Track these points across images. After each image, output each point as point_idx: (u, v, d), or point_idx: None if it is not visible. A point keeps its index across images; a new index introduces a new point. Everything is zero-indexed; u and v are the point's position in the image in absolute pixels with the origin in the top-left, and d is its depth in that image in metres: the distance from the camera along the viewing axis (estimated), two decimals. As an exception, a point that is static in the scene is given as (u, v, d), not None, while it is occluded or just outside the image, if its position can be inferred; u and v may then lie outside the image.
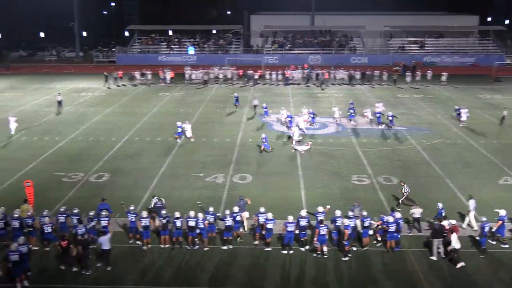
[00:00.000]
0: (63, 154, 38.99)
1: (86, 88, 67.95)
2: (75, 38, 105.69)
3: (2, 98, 60.78)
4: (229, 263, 23.37)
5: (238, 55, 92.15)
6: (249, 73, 70.37)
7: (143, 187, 31.87)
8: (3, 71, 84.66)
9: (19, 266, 21.30)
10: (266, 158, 37.74)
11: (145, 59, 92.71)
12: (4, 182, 32.84)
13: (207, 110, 53.50)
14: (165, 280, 22.06)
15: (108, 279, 22.18)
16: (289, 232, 24.05)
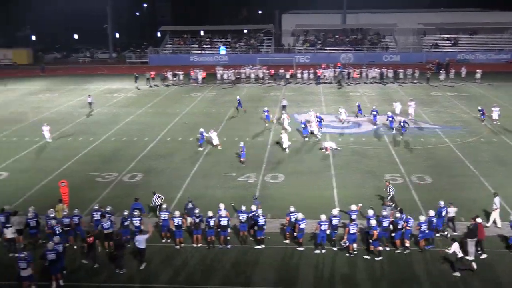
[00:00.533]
0: (97, 154, 39.46)
1: (119, 89, 68.70)
2: (108, 40, 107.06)
3: (37, 100, 61.83)
4: (261, 262, 23.30)
5: (269, 55, 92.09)
6: (281, 73, 70.29)
7: (176, 187, 32.04)
8: (39, 73, 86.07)
9: (55, 265, 21.60)
10: (298, 157, 37.63)
11: (177, 59, 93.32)
12: (40, 182, 33.33)
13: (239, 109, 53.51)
14: (198, 279, 22.09)
15: (141, 278, 22.32)
16: (322, 231, 23.91)
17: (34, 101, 61.43)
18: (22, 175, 35.04)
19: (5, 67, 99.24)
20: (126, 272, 22.62)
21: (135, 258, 23.38)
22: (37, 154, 39.63)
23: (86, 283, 22.02)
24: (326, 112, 51.58)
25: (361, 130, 45.13)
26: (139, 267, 22.96)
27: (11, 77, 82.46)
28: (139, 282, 22.02)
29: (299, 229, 24.43)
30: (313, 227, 24.86)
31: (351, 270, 22.66)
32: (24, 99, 62.32)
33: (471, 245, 23.21)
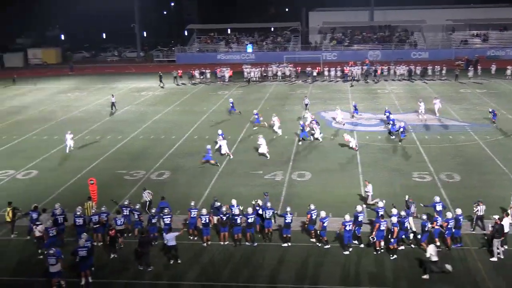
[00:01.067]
0: (125, 152, 39.81)
1: (147, 87, 69.21)
2: (136, 39, 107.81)
3: (66, 99, 62.61)
4: (287, 260, 23.22)
5: (296, 52, 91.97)
6: (308, 70, 70.05)
7: (203, 185, 32.13)
8: (67, 72, 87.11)
9: (85, 262, 21.85)
10: (326, 155, 37.46)
11: (204, 58, 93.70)
12: (69, 180, 33.72)
13: (266, 107, 53.52)
14: (225, 277, 22.13)
15: (168, 275, 22.41)
16: (347, 232, 23.62)
17: (63, 100, 62.22)
18: (51, 173, 35.50)
19: (35, 66, 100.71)
20: (154, 269, 22.74)
21: (165, 255, 23.44)
22: (66, 153, 39.99)
23: (114, 279, 22.19)
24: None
25: (389, 127, 44.66)
26: (173, 262, 23.06)
27: (40, 76, 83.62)
28: (167, 279, 22.11)
29: (323, 227, 24.32)
30: (338, 224, 24.66)
31: (377, 267, 22.46)
32: (53, 98, 63.16)
33: (497, 245, 22.82)
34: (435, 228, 23.96)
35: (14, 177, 34.83)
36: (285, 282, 21.61)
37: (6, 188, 32.58)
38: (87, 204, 27.04)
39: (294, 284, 21.40)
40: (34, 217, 25.50)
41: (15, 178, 34.64)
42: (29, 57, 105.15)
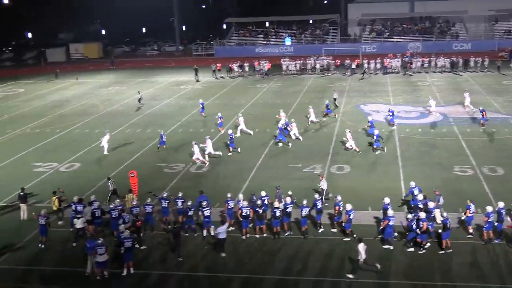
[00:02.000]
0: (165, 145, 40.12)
1: (186, 81, 69.64)
2: (175, 33, 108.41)
3: (107, 93, 63.48)
4: (327, 253, 23.19)
5: (335, 45, 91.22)
6: (347, 63, 69.46)
7: (242, 178, 32.24)
8: (108, 67, 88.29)
9: (129, 253, 22.21)
10: (365, 148, 37.12)
11: (242, 51, 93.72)
12: (110, 173, 34.04)
13: (304, 100, 53.32)
14: (261, 269, 22.18)
15: (206, 267, 22.58)
16: (390, 227, 23.35)
17: (104, 94, 63.12)
18: (93, 166, 36.16)
19: (76, 61, 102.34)
20: (193, 261, 22.93)
21: (215, 249, 23.49)
22: (108, 146, 40.41)
23: (155, 271, 22.46)
24: (393, 102, 50.72)
25: (429, 120, 44.10)
26: (221, 255, 23.18)
27: (82, 71, 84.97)
28: (205, 271, 22.27)
29: (348, 220, 24.26)
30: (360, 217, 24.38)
31: (411, 263, 22.25)
32: (94, 92, 64.12)
33: None
34: (468, 216, 23.65)
35: (57, 170, 35.54)
36: (326, 275, 21.58)
37: (49, 181, 33.27)
38: (128, 196, 27.45)
39: (335, 278, 21.37)
40: (79, 209, 25.94)
41: (58, 171, 35.34)
42: (71, 52, 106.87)
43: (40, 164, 36.79)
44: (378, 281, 21.04)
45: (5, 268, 23.35)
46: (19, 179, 33.55)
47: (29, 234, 25.98)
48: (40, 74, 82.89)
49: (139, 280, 21.90)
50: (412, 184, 26.52)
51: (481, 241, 23.43)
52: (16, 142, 42.86)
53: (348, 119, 45.11)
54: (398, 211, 25.80)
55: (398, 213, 25.42)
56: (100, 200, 27.04)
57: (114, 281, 21.86)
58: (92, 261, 22.06)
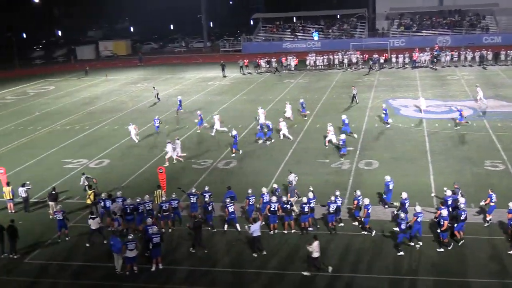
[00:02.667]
0: (192, 141, 40.38)
1: (214, 77, 69.82)
2: (203, 29, 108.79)
3: (136, 89, 63.97)
4: (355, 249, 23.08)
5: (363, 39, 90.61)
6: (375, 57, 68.92)
7: (270, 173, 32.18)
8: (137, 63, 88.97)
9: (158, 248, 22.34)
10: (394, 143, 36.89)
11: (270, 46, 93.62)
12: (139, 169, 34.52)
13: (332, 95, 53.11)
14: (289, 265, 22.13)
15: (233, 262, 22.62)
16: (418, 223, 23.01)
17: (133, 90, 63.64)
18: (122, 162, 36.48)
19: (105, 58, 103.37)
20: (220, 257, 22.97)
21: (251, 247, 23.32)
22: (136, 142, 40.86)
23: (183, 266, 22.54)
24: (422, 97, 50.14)
25: (458, 114, 43.46)
26: (259, 253, 23.05)
27: (111, 68, 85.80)
28: (231, 267, 22.31)
29: (367, 214, 24.14)
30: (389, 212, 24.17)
31: (440, 260, 21.97)
32: (123, 89, 64.68)
33: None
34: (491, 206, 23.44)
35: (87, 166, 35.89)
36: (357, 271, 21.48)
37: (79, 177, 33.24)
38: (157, 192, 27.55)
39: (365, 274, 21.22)
40: (108, 205, 26.25)
41: (88, 167, 35.66)
42: (100, 49, 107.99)
43: (70, 160, 37.24)
44: (409, 278, 20.82)
45: (36, 263, 23.67)
46: (50, 176, 34.19)
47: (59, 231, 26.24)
48: (70, 72, 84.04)
49: (167, 275, 22.00)
50: (386, 178, 26.07)
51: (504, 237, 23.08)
52: (47, 139, 43.46)
53: (376, 114, 44.74)
54: (425, 207, 25.57)
55: (425, 209, 25.22)
56: (131, 196, 27.23)
57: (143, 276, 21.99)
58: (119, 259, 22.23)
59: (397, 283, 20.53)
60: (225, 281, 21.42)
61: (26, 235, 25.69)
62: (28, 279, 22.32)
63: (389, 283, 20.54)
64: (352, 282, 20.73)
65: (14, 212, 28.89)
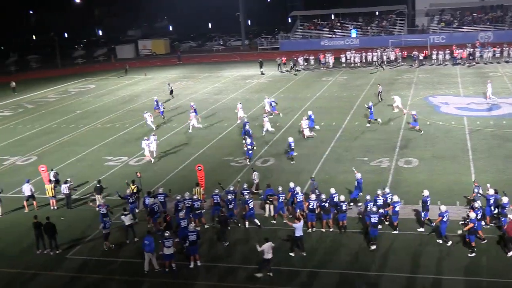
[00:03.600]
0: (230, 139, 40.47)
1: (252, 75, 69.89)
2: (241, 27, 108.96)
3: (175, 88, 64.11)
4: (393, 249, 22.82)
5: (402, 36, 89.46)
6: (414, 54, 68.01)
7: (308, 171, 32.00)
8: (175, 62, 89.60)
9: (194, 246, 22.38)
10: (434, 141, 36.35)
11: (308, 44, 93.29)
12: (178, 167, 34.73)
13: (371, 93, 52.54)
14: (326, 263, 22.04)
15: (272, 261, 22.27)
16: (444, 223, 22.62)
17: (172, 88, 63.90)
18: (161, 160, 36.69)
19: (145, 57, 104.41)
20: (255, 254, 22.67)
21: (296, 247, 23.10)
22: (175, 140, 41.26)
23: (221, 263, 22.61)
24: (463, 94, 49.44)
25: (502, 112, 42.67)
26: (301, 253, 22.93)
27: (150, 67, 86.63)
28: (254, 264, 22.09)
29: (393, 212, 23.85)
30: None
31: (466, 258, 21.61)
32: (162, 87, 65.09)
33: None
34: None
35: (127, 164, 36.32)
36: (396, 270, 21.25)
37: (119, 175, 34.02)
38: (195, 190, 27.68)
39: (407, 273, 20.99)
40: (147, 202, 26.45)
41: (128, 165, 36.10)
42: (140, 48, 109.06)
43: (110, 158, 37.70)
44: (434, 277, 20.57)
45: (77, 259, 24.02)
46: (91, 173, 34.66)
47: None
48: (110, 71, 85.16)
49: (205, 272, 22.14)
50: (425, 193, 24.62)
51: None
52: (88, 137, 44.12)
53: (415, 111, 44.01)
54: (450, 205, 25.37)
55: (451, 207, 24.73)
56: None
57: (182, 273, 22.11)
58: (150, 258, 22.32)
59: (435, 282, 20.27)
60: (261, 279, 21.27)
61: (68, 231, 26.17)
62: (70, 275, 22.66)
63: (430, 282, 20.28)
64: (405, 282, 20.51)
65: (57, 208, 29.48)
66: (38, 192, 31.08)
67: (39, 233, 24.52)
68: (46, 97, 65.71)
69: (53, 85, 74.13)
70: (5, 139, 45.32)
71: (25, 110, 58.14)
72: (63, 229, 25.75)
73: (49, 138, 44.44)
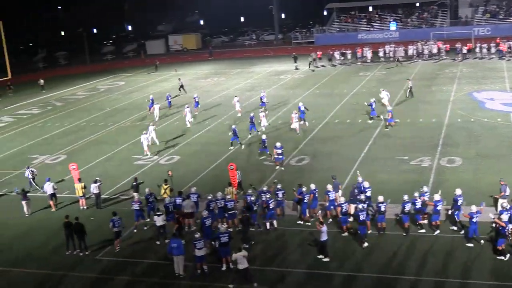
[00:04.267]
0: (268, 137, 39.15)
1: (285, 70, 68.52)
2: (274, 21, 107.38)
3: (206, 84, 63.44)
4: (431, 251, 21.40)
5: (444, 28, 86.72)
6: (457, 47, 65.52)
7: (344, 171, 30.65)
8: (207, 57, 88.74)
9: (226, 247, 21.73)
10: (478, 139, 34.71)
11: (344, 38, 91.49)
12: (209, 166, 33.81)
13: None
14: (364, 266, 21.02)
15: (308, 264, 21.62)
16: (474, 224, 21.56)
17: (203, 85, 63.16)
18: (192, 158, 35.87)
19: (176, 52, 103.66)
20: (294, 257, 22.15)
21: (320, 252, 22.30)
22: (206, 138, 40.38)
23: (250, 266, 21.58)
24: (510, 89, 47.21)
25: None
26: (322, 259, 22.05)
27: (181, 62, 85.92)
28: (307, 268, 21.38)
29: (435, 211, 22.89)
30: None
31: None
32: (193, 84, 64.22)
33: None
34: None
35: (157, 162, 35.51)
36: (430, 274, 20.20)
37: (150, 174, 33.27)
38: (227, 189, 27.14)
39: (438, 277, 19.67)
40: (178, 202, 25.83)
41: (158, 163, 35.31)
42: (170, 43, 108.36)
43: (140, 156, 36.89)
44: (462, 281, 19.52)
45: (107, 260, 23.57)
46: (120, 172, 34.19)
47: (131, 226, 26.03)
48: (140, 67, 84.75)
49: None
50: (457, 191, 23.63)
51: None
52: (118, 135, 43.57)
53: (458, 108, 42.37)
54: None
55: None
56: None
57: (213, 275, 21.46)
58: (179, 262, 21.67)
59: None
60: (294, 281, 20.62)
61: (98, 231, 25.81)
62: (100, 276, 22.40)
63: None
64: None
65: (86, 208, 29.00)
66: (68, 192, 31.12)
67: (69, 233, 24.20)
68: (75, 94, 65.50)
69: (82, 82, 74.02)
70: (34, 138, 45.09)
71: (54, 107, 57.97)
72: (92, 230, 25.47)
73: (78, 137, 44.01)
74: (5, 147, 42.79)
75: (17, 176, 35.18)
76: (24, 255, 24.55)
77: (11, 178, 35.07)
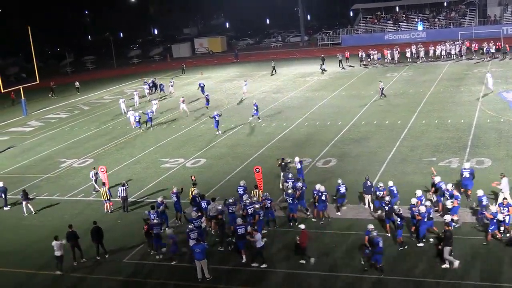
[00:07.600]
0: (290, 139, 39.21)
1: (311, 72, 68.09)
2: (300, 22, 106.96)
3: (232, 87, 63.34)
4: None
5: (472, 28, 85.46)
6: (486, 47, 64.50)
7: (372, 172, 30.21)
8: (232, 60, 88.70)
9: (243, 240, 22.28)
10: (508, 139, 34.05)
11: (371, 38, 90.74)
12: (235, 168, 33.69)
13: (439, 89, 50.19)
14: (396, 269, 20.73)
15: (330, 264, 21.42)
16: (493, 223, 21.84)
17: (229, 88, 63.08)
18: (218, 161, 35.77)
19: (201, 55, 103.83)
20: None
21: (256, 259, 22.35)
22: (234, 140, 40.28)
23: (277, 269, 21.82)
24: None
25: None
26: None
27: (207, 65, 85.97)
28: (327, 271, 21.27)
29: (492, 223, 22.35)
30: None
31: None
32: (219, 86, 64.24)
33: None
34: None
35: (183, 165, 35.53)
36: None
37: (176, 176, 33.32)
38: (254, 192, 26.98)
39: None
40: (203, 206, 25.74)
41: (184, 166, 35.34)
42: (196, 46, 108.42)
43: (167, 160, 37.00)
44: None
45: (133, 263, 23.64)
46: (147, 176, 34.18)
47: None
48: (166, 70, 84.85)
49: (259, 276, 21.44)
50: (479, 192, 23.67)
51: None
52: (144, 138, 43.58)
53: (487, 108, 41.67)
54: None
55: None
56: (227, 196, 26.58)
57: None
58: (200, 266, 21.62)
59: None
60: (315, 285, 20.53)
61: (125, 235, 25.92)
62: (126, 279, 22.48)
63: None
64: None
65: (111, 212, 28.98)
66: (94, 195, 31.28)
67: (75, 244, 23.83)
68: (102, 98, 65.86)
69: (108, 86, 74.44)
70: (61, 142, 45.41)
71: (81, 111, 58.34)
72: (120, 233, 25.62)
73: (104, 140, 44.22)
74: (34, 151, 43.14)
75: (46, 179, 35.48)
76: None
77: (40, 181, 35.27)
